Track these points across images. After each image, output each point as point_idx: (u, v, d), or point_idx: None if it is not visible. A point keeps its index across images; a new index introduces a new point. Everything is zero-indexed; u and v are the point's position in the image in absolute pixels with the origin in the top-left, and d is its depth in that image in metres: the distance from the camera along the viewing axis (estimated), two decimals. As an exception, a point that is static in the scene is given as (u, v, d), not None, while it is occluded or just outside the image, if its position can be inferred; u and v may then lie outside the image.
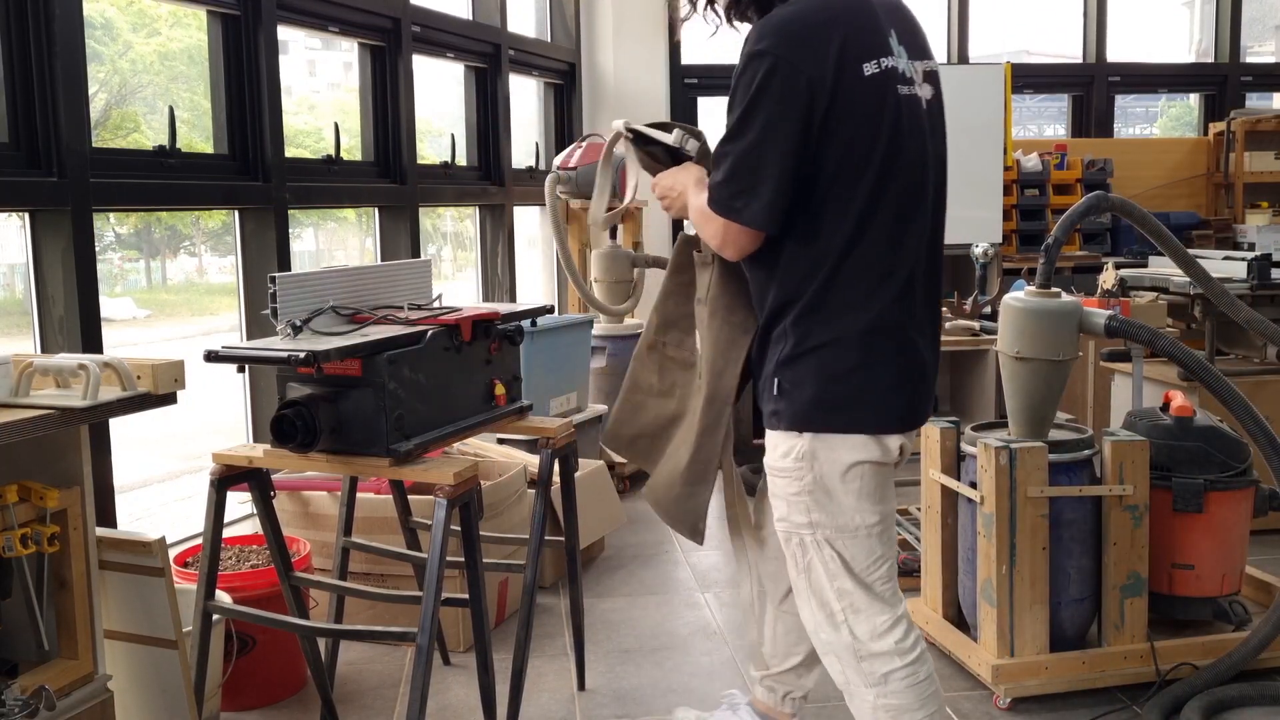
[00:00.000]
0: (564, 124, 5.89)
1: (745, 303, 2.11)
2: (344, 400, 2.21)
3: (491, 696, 2.40)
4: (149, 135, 3.34)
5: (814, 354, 1.95)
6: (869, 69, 1.89)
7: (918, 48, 2.02)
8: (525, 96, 5.75)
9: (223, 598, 2.56)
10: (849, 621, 2.03)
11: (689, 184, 2.10)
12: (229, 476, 2.36)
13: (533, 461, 3.51)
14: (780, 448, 2.02)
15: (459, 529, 2.32)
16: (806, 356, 1.95)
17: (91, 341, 2.82)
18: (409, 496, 2.99)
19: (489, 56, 5.08)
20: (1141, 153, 6.23)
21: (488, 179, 5.13)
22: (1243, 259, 3.92)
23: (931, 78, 2.04)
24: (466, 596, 2.37)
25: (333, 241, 4.95)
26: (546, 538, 2.74)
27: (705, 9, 2.15)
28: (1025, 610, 2.76)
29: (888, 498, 2.05)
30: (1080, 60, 6.82)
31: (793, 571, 2.09)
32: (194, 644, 2.38)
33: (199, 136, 3.53)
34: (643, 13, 5.90)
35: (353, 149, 4.22)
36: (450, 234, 5.53)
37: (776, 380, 1.99)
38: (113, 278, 3.57)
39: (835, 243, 1.92)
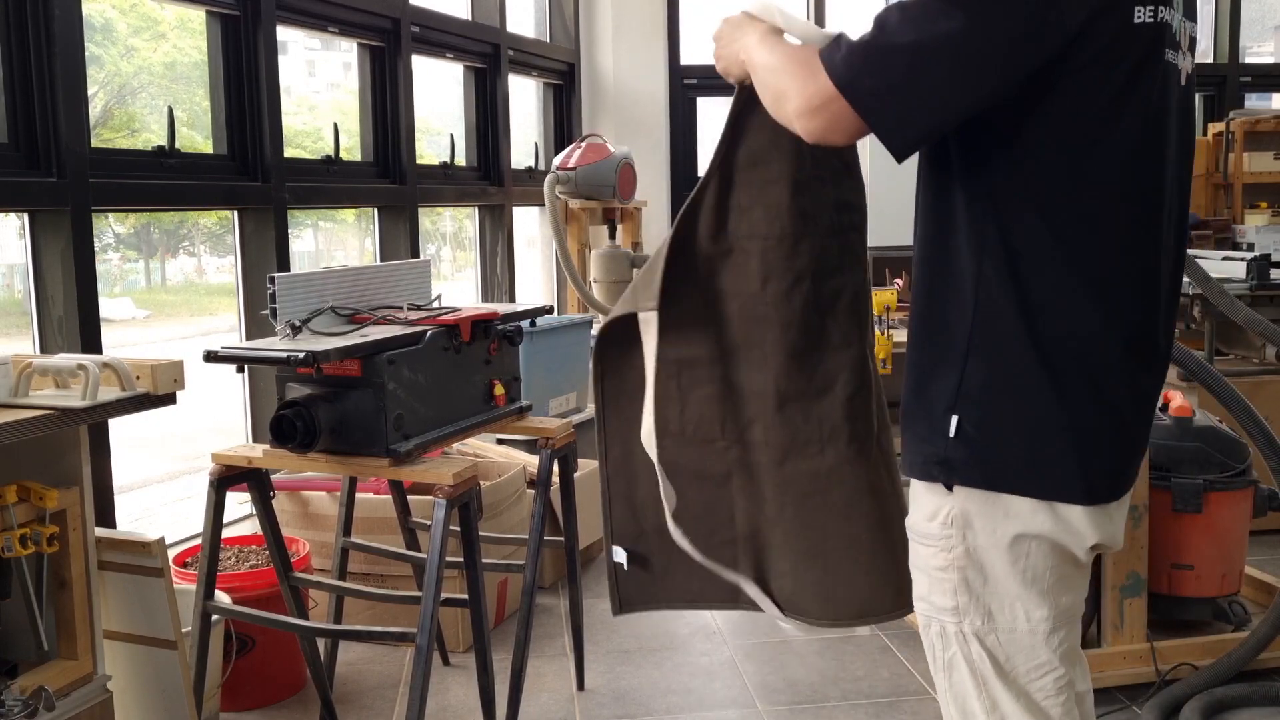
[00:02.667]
0: (563, 124, 5.88)
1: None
2: (343, 400, 2.21)
3: (491, 697, 2.40)
4: (149, 136, 3.34)
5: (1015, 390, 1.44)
6: (1141, 14, 1.36)
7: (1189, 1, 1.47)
8: (525, 97, 5.75)
9: (222, 598, 2.55)
10: None
11: (759, 31, 1.55)
12: (228, 477, 2.36)
13: (532, 462, 3.52)
14: (927, 506, 1.53)
15: (458, 529, 2.32)
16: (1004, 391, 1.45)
17: (91, 342, 2.82)
18: (408, 497, 2.99)
19: (488, 57, 5.08)
20: (1141, 153, 6.19)
21: (487, 179, 5.13)
22: (1242, 259, 3.92)
23: (1193, 46, 1.50)
24: (466, 597, 2.37)
25: (332, 242, 4.95)
26: (546, 538, 2.74)
27: None
28: (1024, 610, 2.76)
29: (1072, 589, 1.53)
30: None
31: (932, 667, 1.61)
32: (193, 644, 2.38)
33: (198, 136, 3.53)
34: (642, 13, 5.90)
35: (352, 149, 4.22)
36: (449, 234, 5.53)
37: (956, 419, 1.46)
38: (112, 278, 3.57)
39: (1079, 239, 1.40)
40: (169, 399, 2.03)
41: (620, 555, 1.89)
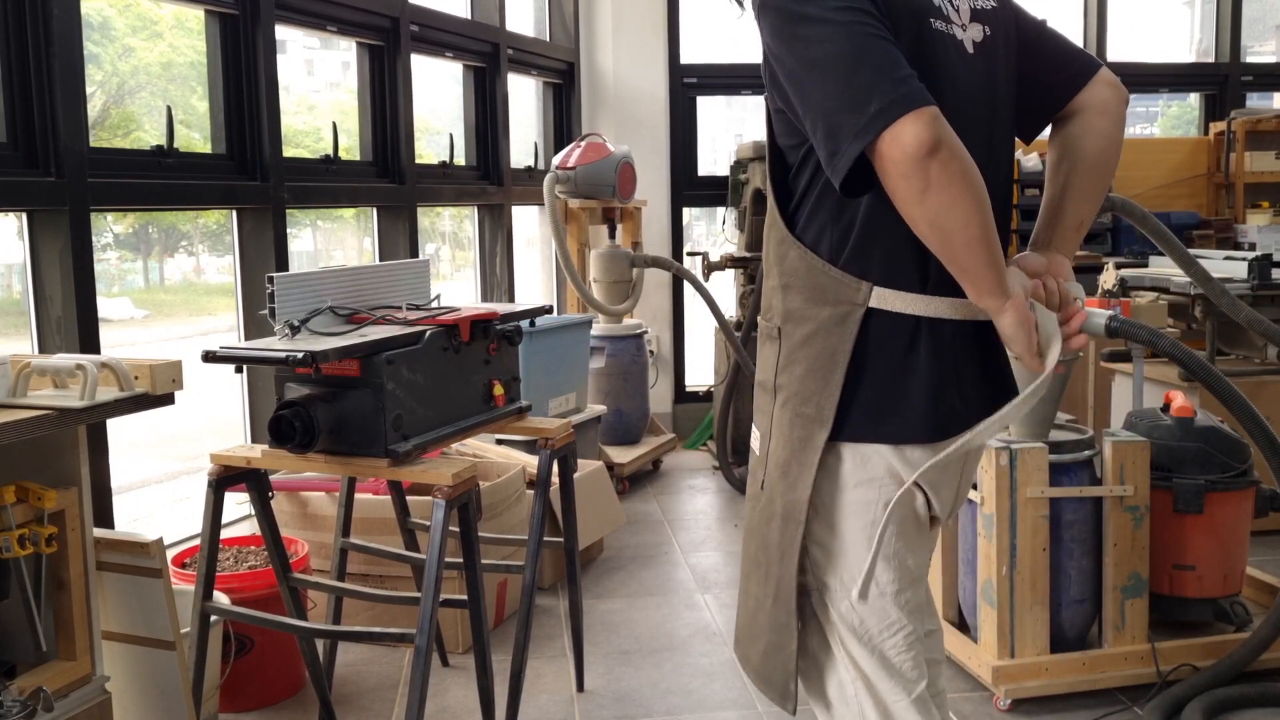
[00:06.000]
0: (563, 123, 5.88)
1: (817, 386, 1.57)
2: (342, 401, 2.20)
3: (490, 698, 2.39)
4: (149, 135, 3.33)
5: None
6: None
7: None
8: (524, 96, 5.74)
9: (221, 599, 2.55)
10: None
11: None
12: (227, 477, 2.35)
13: (531, 462, 3.51)
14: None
15: (458, 530, 2.31)
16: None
17: (89, 342, 2.81)
18: (407, 497, 2.98)
19: (488, 56, 5.07)
20: (1142, 152, 6.20)
21: (486, 179, 5.12)
22: (1243, 259, 3.91)
23: (986, 16, 1.62)
24: (465, 598, 2.37)
25: (331, 241, 4.94)
26: (545, 539, 2.74)
27: None
28: (1025, 611, 2.75)
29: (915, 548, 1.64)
30: (1080, 60, 6.77)
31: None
32: (192, 645, 2.37)
33: (196, 136, 3.53)
34: (642, 12, 5.90)
35: (351, 149, 4.21)
36: (449, 234, 5.52)
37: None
38: (110, 278, 3.56)
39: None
40: (167, 399, 2.03)
41: None
